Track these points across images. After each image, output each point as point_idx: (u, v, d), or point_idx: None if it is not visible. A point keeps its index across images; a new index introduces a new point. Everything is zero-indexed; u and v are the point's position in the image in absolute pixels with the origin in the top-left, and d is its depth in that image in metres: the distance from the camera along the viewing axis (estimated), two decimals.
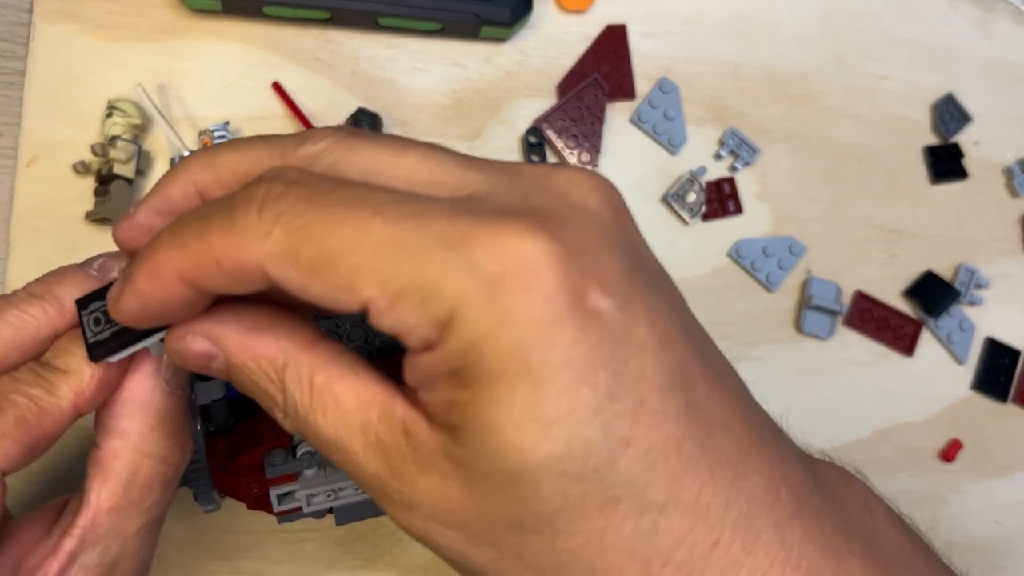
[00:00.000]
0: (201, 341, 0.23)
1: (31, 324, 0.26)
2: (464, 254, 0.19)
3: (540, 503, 0.20)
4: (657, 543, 0.20)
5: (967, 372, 0.51)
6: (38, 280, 0.27)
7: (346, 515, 0.34)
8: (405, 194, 0.21)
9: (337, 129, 0.23)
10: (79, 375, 0.25)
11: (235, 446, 0.32)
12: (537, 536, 0.20)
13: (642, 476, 0.20)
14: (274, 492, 0.32)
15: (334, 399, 0.22)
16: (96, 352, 0.25)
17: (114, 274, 0.27)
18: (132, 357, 0.26)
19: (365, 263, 0.20)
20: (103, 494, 0.26)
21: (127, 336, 0.25)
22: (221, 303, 0.23)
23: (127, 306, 0.23)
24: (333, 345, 0.23)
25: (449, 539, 0.22)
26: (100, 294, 0.25)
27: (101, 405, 0.26)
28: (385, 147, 0.22)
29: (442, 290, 0.19)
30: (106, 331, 0.25)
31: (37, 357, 0.26)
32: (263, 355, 0.23)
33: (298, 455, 0.32)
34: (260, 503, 0.33)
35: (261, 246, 0.20)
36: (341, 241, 0.20)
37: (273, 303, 0.24)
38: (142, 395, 0.26)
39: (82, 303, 0.26)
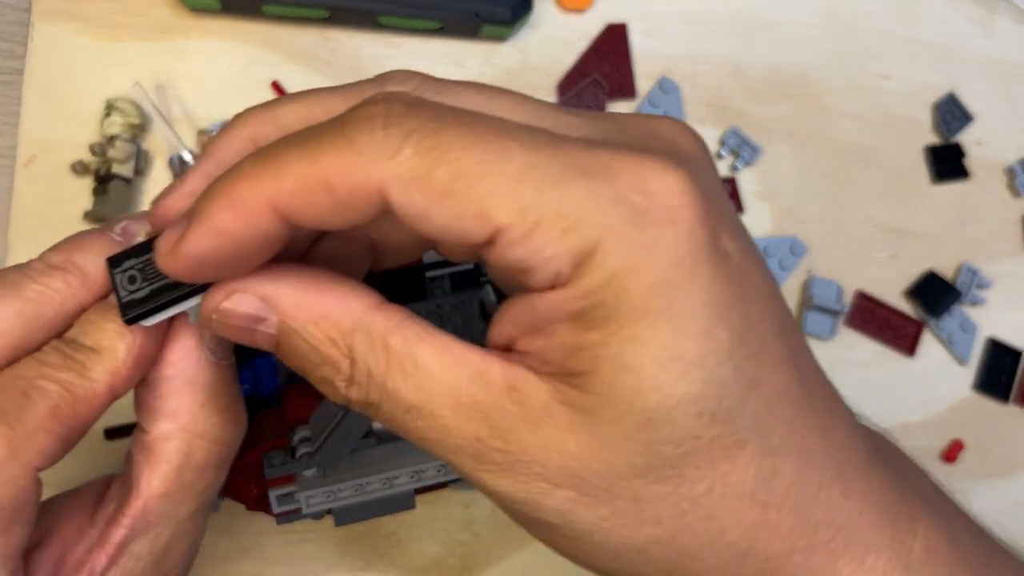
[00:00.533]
0: (251, 300, 0.21)
1: (54, 298, 0.23)
2: (609, 185, 0.19)
3: (672, 447, 0.19)
4: (774, 486, 0.20)
5: (968, 372, 0.50)
6: (56, 248, 0.24)
7: (345, 516, 0.34)
8: (534, 126, 0.20)
9: (415, 72, 0.22)
10: (113, 353, 0.23)
11: None
12: (660, 485, 0.20)
13: (765, 419, 0.20)
14: (273, 493, 0.32)
15: (414, 362, 0.20)
16: (131, 312, 0.22)
17: (139, 238, 0.24)
18: (169, 325, 0.23)
19: (501, 188, 0.18)
20: (154, 480, 0.24)
21: (168, 295, 0.22)
22: (269, 264, 0.21)
23: (192, 248, 0.19)
24: (401, 308, 0.21)
25: (556, 499, 0.20)
26: (135, 251, 0.23)
27: (141, 383, 0.24)
28: (477, 91, 0.21)
29: (586, 220, 0.18)
30: (143, 289, 0.22)
31: (61, 334, 0.23)
32: (327, 316, 0.20)
33: (297, 456, 0.32)
34: (259, 504, 0.33)
35: (386, 166, 0.18)
36: (478, 164, 0.18)
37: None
38: (187, 369, 0.23)
39: (114, 261, 0.23)
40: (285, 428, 0.32)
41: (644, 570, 0.21)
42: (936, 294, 0.49)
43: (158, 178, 0.42)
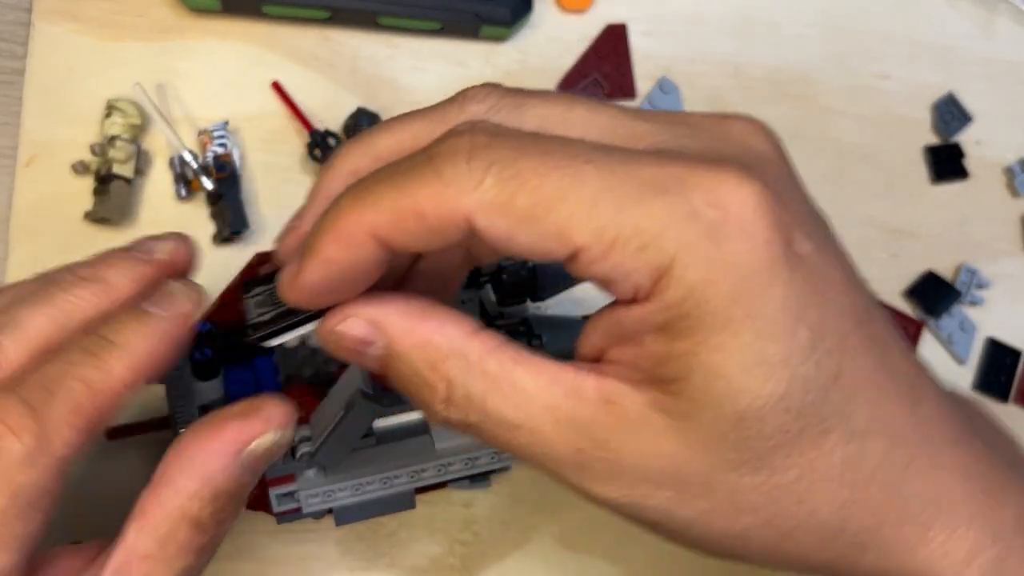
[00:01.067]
0: (362, 325, 0.23)
1: (81, 307, 0.25)
2: (683, 200, 0.20)
3: (762, 442, 0.21)
4: (862, 466, 0.22)
5: (968, 372, 0.51)
6: (85, 263, 0.26)
7: (345, 516, 0.34)
8: (607, 144, 0.21)
9: (495, 87, 0.23)
10: (132, 348, 0.24)
11: None
12: (753, 477, 0.21)
13: (848, 405, 0.21)
14: (273, 492, 0.32)
15: (512, 384, 0.22)
16: (256, 333, 0.25)
17: (159, 255, 0.26)
18: (222, 425, 0.25)
19: (578, 211, 0.20)
20: (140, 539, 0.25)
21: (289, 319, 0.24)
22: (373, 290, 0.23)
23: (307, 279, 0.22)
24: (496, 334, 0.23)
25: (658, 499, 0.22)
26: (264, 279, 0.25)
27: (174, 444, 0.25)
28: (553, 103, 0.23)
29: (663, 236, 0.20)
30: (268, 313, 0.25)
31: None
32: (428, 342, 0.22)
33: (297, 455, 0.32)
34: (259, 503, 0.33)
35: (471, 196, 0.20)
36: (556, 189, 0.20)
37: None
38: (211, 467, 0.25)
39: (247, 286, 0.26)
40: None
41: (745, 552, 0.23)
42: (935, 294, 0.49)
43: (158, 178, 0.42)
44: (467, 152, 0.20)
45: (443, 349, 0.22)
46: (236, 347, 0.33)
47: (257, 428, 0.24)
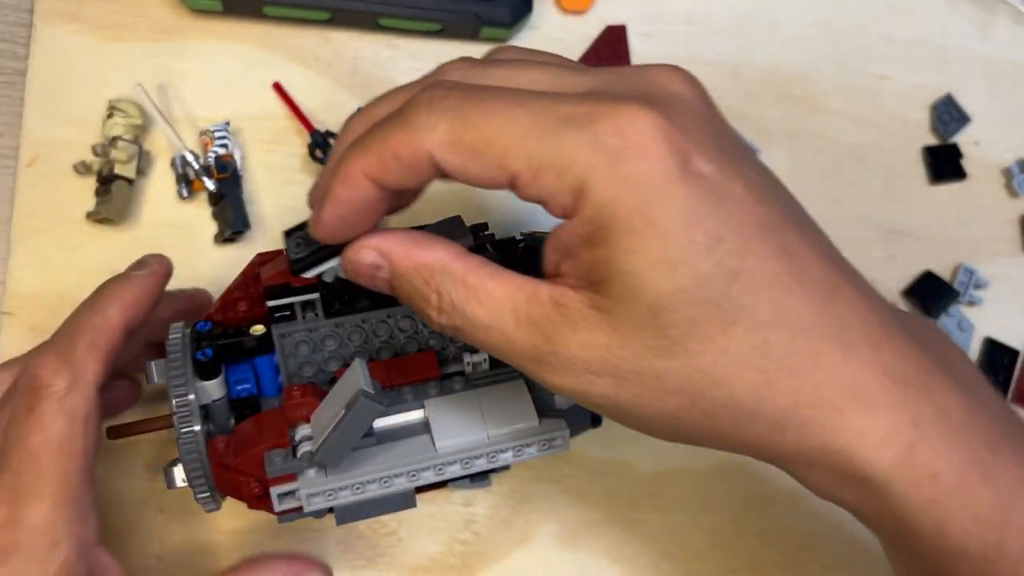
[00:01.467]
0: (372, 253, 0.28)
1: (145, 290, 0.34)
2: (590, 132, 0.24)
3: (675, 329, 0.24)
4: (769, 353, 0.25)
5: None
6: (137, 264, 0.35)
7: (346, 515, 0.34)
8: (540, 91, 0.26)
9: (468, 59, 0.29)
10: (120, 297, 0.33)
11: (235, 445, 0.32)
12: (673, 360, 0.25)
13: (750, 300, 0.25)
14: (275, 491, 0.32)
15: (486, 292, 0.27)
16: (296, 266, 0.31)
17: (152, 267, 0.34)
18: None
19: (513, 144, 0.25)
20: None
21: (319, 254, 0.30)
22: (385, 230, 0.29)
23: (327, 217, 0.28)
24: (477, 256, 0.28)
25: (601, 386, 0.26)
26: (300, 226, 0.31)
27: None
28: (511, 67, 0.28)
29: (574, 163, 0.24)
30: (303, 251, 0.30)
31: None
32: (423, 263, 0.28)
33: (298, 454, 0.32)
34: (260, 503, 0.33)
35: (431, 136, 0.25)
36: (494, 128, 0.25)
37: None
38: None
39: (288, 232, 0.31)
40: (286, 426, 0.33)
41: (681, 431, 0.27)
42: (934, 294, 0.50)
43: (160, 178, 0.42)
44: (427, 104, 0.26)
45: (434, 268, 0.27)
46: (237, 347, 0.33)
47: (333, 262, 0.30)
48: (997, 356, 0.51)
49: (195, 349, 0.32)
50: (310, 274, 0.31)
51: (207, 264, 0.42)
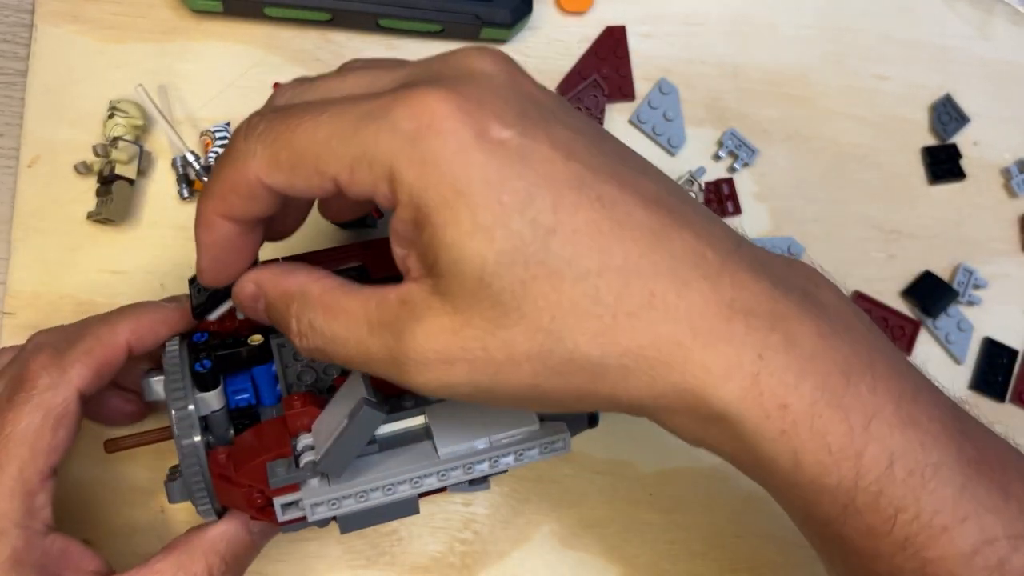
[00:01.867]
0: (251, 285, 0.30)
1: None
2: (388, 120, 0.25)
3: (508, 294, 0.25)
4: (602, 299, 0.25)
5: (965, 372, 0.51)
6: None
7: (350, 523, 0.34)
8: (351, 95, 0.27)
9: (297, 80, 0.30)
10: (136, 318, 0.34)
11: (236, 457, 0.32)
12: (516, 327, 0.25)
13: (571, 251, 0.25)
14: (278, 502, 0.32)
15: (341, 308, 0.27)
16: (197, 312, 0.33)
17: (184, 304, 0.35)
18: None
19: (322, 150, 0.25)
20: (165, 567, 0.33)
21: (216, 295, 0.32)
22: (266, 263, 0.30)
23: (202, 263, 0.29)
24: (336, 277, 0.29)
25: (458, 373, 0.26)
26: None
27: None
28: (334, 78, 0.29)
29: (378, 152, 0.25)
30: (202, 296, 0.33)
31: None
32: (285, 290, 0.29)
33: (301, 464, 0.32)
34: (263, 513, 0.33)
35: (253, 162, 0.26)
36: (303, 139, 0.26)
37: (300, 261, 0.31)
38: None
39: (191, 280, 0.34)
40: (287, 436, 0.33)
41: (550, 398, 0.27)
42: (933, 294, 0.50)
43: (161, 179, 0.42)
44: (244, 133, 0.27)
45: (294, 294, 0.29)
46: (236, 357, 0.33)
47: (228, 304, 0.32)
48: (997, 356, 0.51)
49: (193, 360, 0.32)
50: (212, 317, 0.33)
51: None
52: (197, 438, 0.32)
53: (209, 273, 0.30)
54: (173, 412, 0.32)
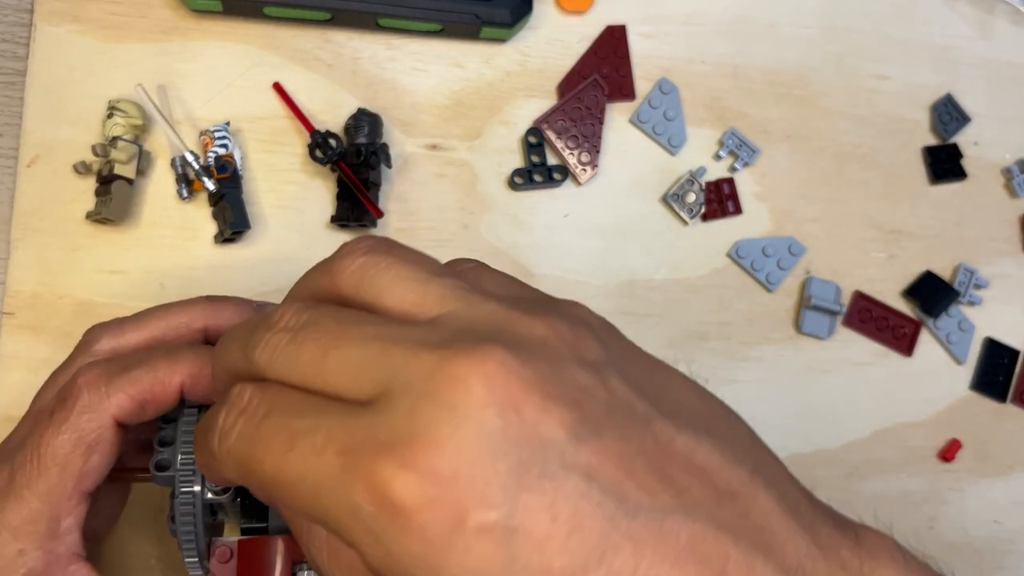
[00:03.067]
0: None
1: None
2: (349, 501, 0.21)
3: None
4: None
5: (966, 372, 0.51)
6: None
7: None
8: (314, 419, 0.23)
9: (296, 307, 0.26)
10: (188, 361, 0.31)
11: (239, 569, 0.32)
12: None
13: None
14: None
15: None
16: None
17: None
18: None
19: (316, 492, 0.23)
20: None
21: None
22: None
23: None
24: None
25: None
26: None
27: None
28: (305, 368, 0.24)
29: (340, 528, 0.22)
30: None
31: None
32: None
33: None
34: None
35: (229, 462, 0.25)
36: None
37: None
38: None
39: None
40: (291, 565, 0.32)
41: None
42: (934, 294, 0.50)
43: (160, 179, 0.42)
44: (228, 408, 0.25)
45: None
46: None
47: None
48: (997, 356, 0.51)
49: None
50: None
51: (207, 264, 0.42)
52: (196, 487, 0.31)
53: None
54: (179, 456, 0.31)
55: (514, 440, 0.21)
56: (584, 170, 0.47)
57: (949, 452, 0.50)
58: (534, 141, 0.46)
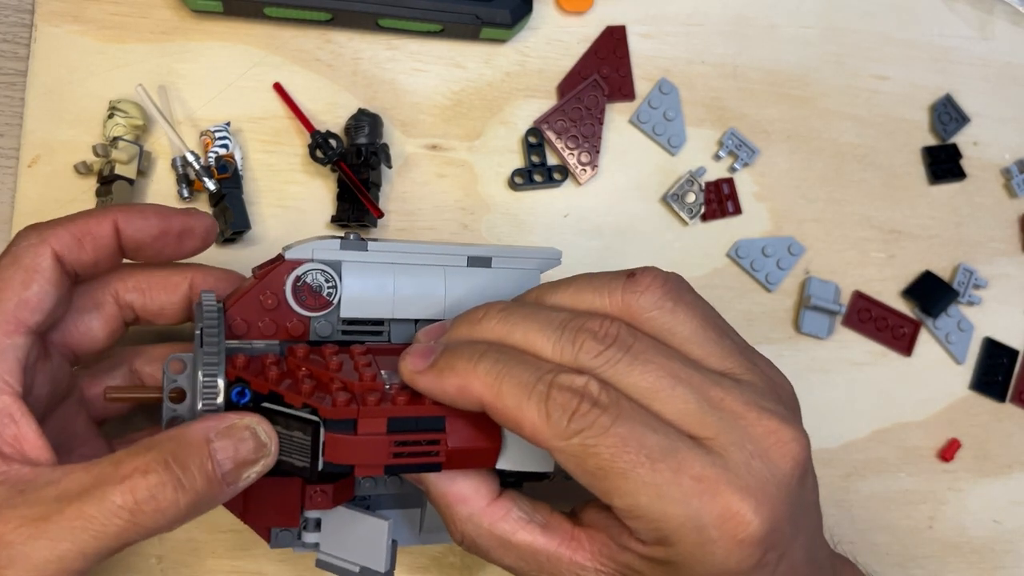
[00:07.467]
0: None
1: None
2: (695, 515, 0.29)
3: None
4: None
5: (965, 372, 0.51)
6: None
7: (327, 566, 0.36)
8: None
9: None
10: (128, 207, 0.33)
11: (248, 502, 0.33)
12: None
13: None
14: (275, 531, 0.34)
15: (513, 543, 0.34)
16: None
17: (191, 213, 0.35)
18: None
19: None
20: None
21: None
22: None
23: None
24: (507, 500, 0.34)
25: None
26: None
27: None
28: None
29: (678, 528, 0.29)
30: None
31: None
32: (451, 506, 0.34)
33: (303, 538, 0.35)
34: (264, 530, 0.34)
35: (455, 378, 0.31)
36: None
37: None
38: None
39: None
40: (299, 510, 0.33)
41: None
42: (933, 294, 0.50)
43: (161, 179, 0.42)
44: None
45: (462, 515, 0.33)
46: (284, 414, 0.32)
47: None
48: (997, 356, 0.51)
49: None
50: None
51: (208, 264, 0.42)
52: (220, 399, 0.31)
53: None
54: (201, 374, 0.30)
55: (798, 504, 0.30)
56: (584, 170, 0.47)
57: (948, 452, 0.50)
58: (534, 141, 0.46)
